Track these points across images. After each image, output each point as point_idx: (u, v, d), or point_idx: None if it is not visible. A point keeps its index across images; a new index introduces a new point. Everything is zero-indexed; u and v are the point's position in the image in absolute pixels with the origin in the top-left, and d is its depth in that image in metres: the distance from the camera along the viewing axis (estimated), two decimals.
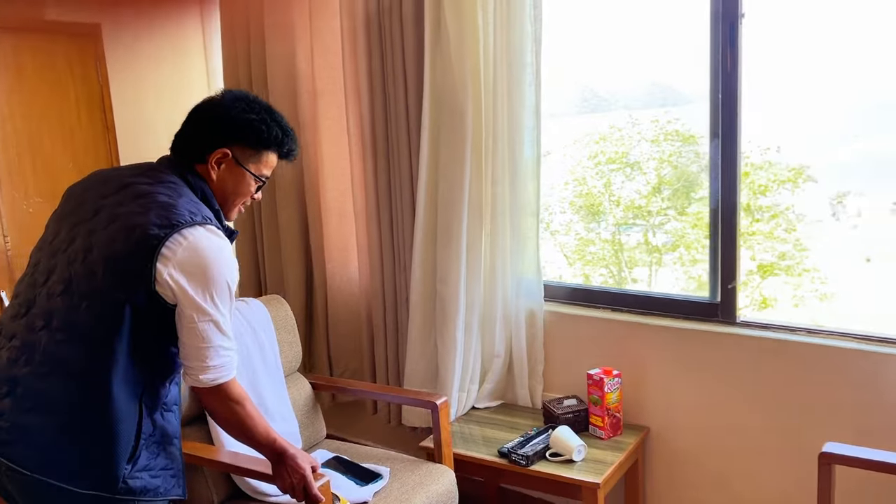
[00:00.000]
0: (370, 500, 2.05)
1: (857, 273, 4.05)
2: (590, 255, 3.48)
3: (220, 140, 1.56)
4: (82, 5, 2.88)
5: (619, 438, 2.42)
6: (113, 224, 1.46)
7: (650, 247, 3.75)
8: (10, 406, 1.44)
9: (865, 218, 4.09)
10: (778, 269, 4.29)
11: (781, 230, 4.31)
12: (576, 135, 3.89)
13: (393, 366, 2.89)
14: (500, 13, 2.46)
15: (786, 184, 4.24)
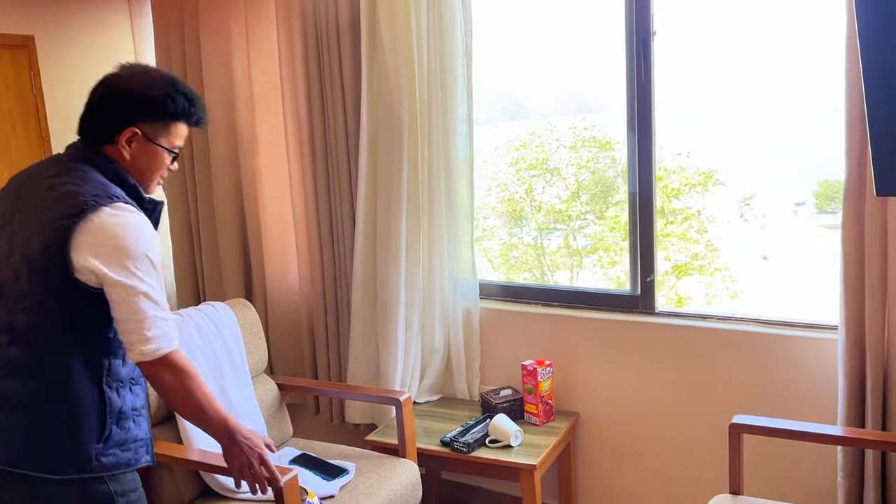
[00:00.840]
0: (337, 494, 2.14)
1: (757, 270, 4.35)
2: (513, 259, 3.64)
3: (127, 119, 1.56)
4: (15, 18, 2.88)
5: (552, 424, 2.60)
6: (28, 224, 1.49)
7: (571, 250, 3.90)
8: None
9: (770, 219, 4.39)
10: (692, 269, 4.55)
11: (694, 232, 4.58)
12: (496, 142, 4.06)
13: (335, 367, 2.98)
14: (432, 25, 2.61)
15: (696, 187, 4.51)
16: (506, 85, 3.21)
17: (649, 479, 2.59)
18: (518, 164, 3.81)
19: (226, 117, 3.03)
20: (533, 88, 3.39)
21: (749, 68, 3.26)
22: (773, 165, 3.97)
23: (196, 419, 1.61)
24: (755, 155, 3.93)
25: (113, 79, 1.61)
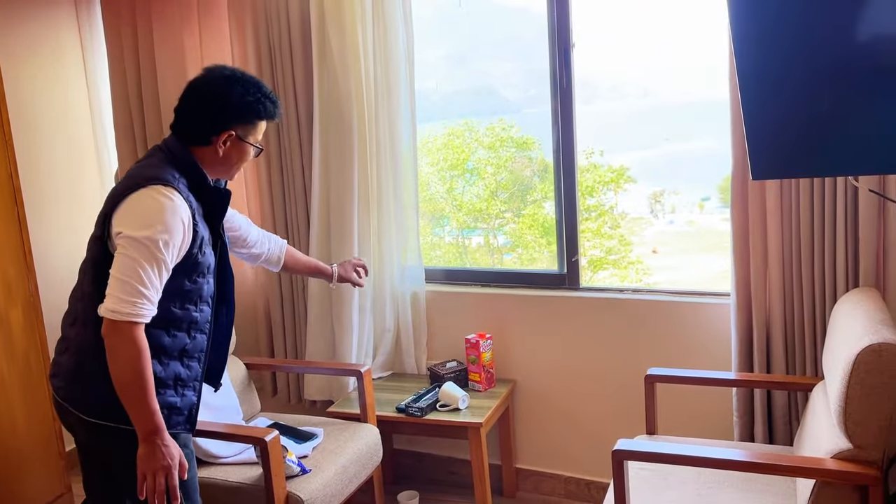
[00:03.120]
0: (310, 454, 2.42)
1: (650, 262, 4.62)
2: (436, 257, 3.68)
3: (224, 124, 1.80)
4: None
5: (493, 390, 2.94)
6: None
7: (491, 248, 4.09)
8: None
9: (679, 214, 4.72)
10: (606, 264, 4.88)
11: (608, 227, 4.90)
12: (417, 142, 4.29)
13: (291, 350, 3.24)
14: (377, 36, 2.90)
15: (609, 184, 4.84)
16: (425, 86, 3.37)
17: (578, 433, 2.97)
18: (438, 163, 3.94)
19: None
20: (452, 90, 3.58)
21: (657, 73, 3.61)
22: (681, 164, 4.26)
23: (132, 403, 1.66)
24: (665, 154, 4.21)
25: (210, 86, 1.85)
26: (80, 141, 3.55)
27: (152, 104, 3.23)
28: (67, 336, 1.85)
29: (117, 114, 3.30)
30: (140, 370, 1.65)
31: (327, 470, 2.36)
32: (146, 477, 1.68)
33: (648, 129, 3.89)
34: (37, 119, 3.31)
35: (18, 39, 3.24)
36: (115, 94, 3.30)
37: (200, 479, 2.33)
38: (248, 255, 2.39)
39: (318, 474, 2.32)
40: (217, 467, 2.40)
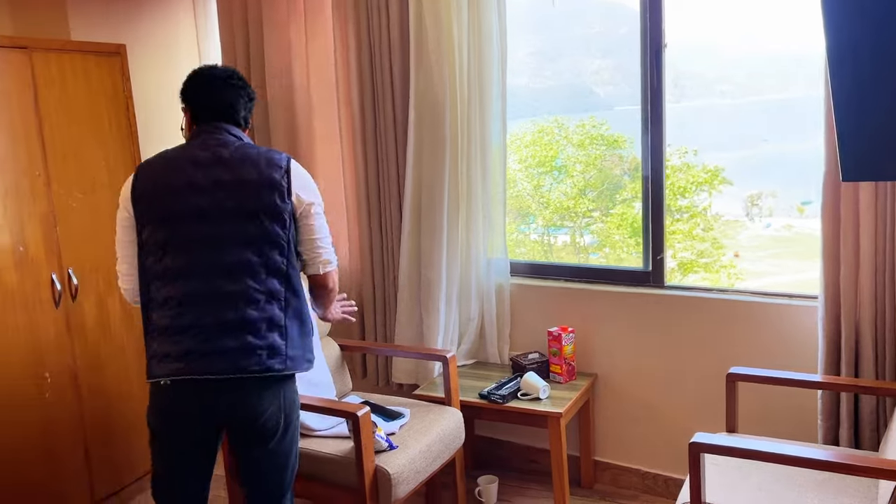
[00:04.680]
0: (397, 431, 2.58)
1: (742, 266, 4.46)
2: (520, 255, 3.68)
3: (251, 111, 2.20)
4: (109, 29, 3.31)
5: (574, 382, 3.01)
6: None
7: (577, 247, 4.08)
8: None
9: (777, 218, 4.57)
10: (697, 267, 4.78)
11: (700, 229, 4.80)
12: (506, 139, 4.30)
13: (381, 334, 3.40)
14: (472, 36, 3.02)
15: (703, 185, 4.74)
16: (514, 83, 3.35)
17: (657, 428, 3.00)
18: (526, 160, 3.95)
19: (286, 117, 3.44)
20: (541, 87, 3.60)
21: (757, 70, 3.53)
22: (781, 165, 4.12)
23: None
24: (764, 155, 4.08)
25: (241, 81, 2.16)
26: None
27: (260, 99, 3.45)
28: (270, 317, 1.95)
29: None
30: None
31: (413, 447, 2.50)
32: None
33: (747, 129, 3.82)
34: (155, 112, 3.59)
35: (142, 35, 3.53)
36: None
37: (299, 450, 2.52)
38: None
39: (404, 451, 2.46)
40: (312, 439, 2.58)
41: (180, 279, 1.93)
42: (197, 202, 1.94)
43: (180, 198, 1.94)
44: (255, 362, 1.92)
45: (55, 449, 2.81)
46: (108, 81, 3.05)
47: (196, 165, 1.98)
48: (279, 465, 2.07)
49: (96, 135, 2.98)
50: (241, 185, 1.96)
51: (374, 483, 2.36)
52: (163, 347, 1.93)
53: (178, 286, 1.93)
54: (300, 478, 2.52)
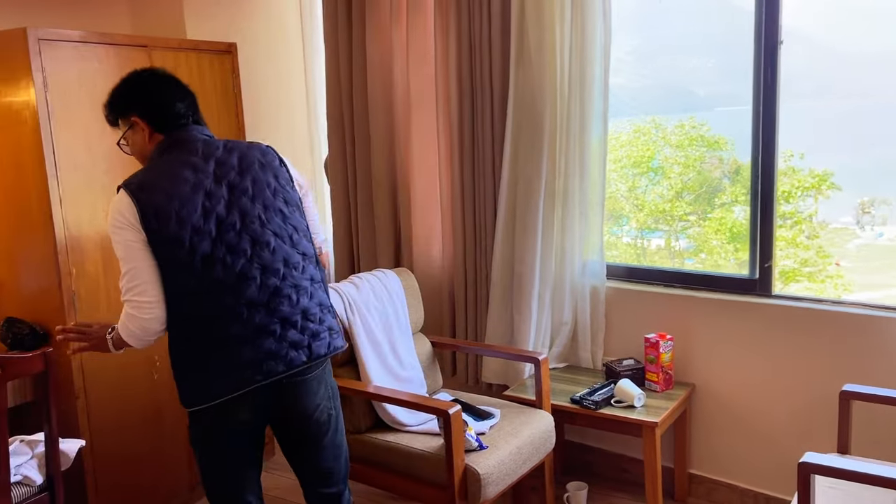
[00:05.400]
0: (487, 432, 2.56)
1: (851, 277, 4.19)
2: (612, 258, 3.61)
3: None
4: (221, 28, 3.45)
5: (670, 391, 2.91)
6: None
7: (672, 251, 3.95)
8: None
9: (891, 227, 4.29)
10: (800, 276, 4.54)
11: (804, 237, 4.55)
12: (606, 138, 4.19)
13: (472, 332, 3.39)
14: (575, 35, 2.96)
15: (809, 190, 4.50)
16: (612, 81, 3.29)
17: (759, 444, 2.86)
18: (621, 161, 3.86)
19: (384, 112, 3.49)
20: (639, 86, 3.49)
21: (872, 71, 3.32)
22: (890, 169, 3.90)
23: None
24: (878, 160, 3.85)
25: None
26: (296, 128, 3.94)
27: (361, 96, 3.51)
28: (320, 301, 2.01)
29: (330, 104, 3.62)
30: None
31: (503, 448, 2.47)
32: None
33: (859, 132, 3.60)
34: (262, 109, 3.72)
35: (250, 34, 3.65)
36: (329, 85, 3.61)
37: (388, 444, 2.55)
38: None
39: (494, 451, 2.44)
40: (402, 434, 2.60)
41: (230, 287, 1.85)
42: (221, 209, 1.87)
43: (201, 207, 1.84)
44: (324, 345, 1.99)
45: (161, 426, 2.95)
46: (220, 79, 3.17)
47: (198, 172, 1.88)
48: (336, 456, 2.10)
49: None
50: (255, 182, 1.93)
51: (463, 482, 2.35)
52: (222, 363, 1.86)
53: (229, 295, 1.85)
54: (388, 472, 2.54)
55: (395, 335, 2.80)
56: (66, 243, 2.59)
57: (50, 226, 2.55)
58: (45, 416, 2.28)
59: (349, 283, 2.79)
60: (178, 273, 1.82)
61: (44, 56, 2.49)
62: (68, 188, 2.58)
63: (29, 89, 2.48)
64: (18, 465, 2.26)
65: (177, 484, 3.05)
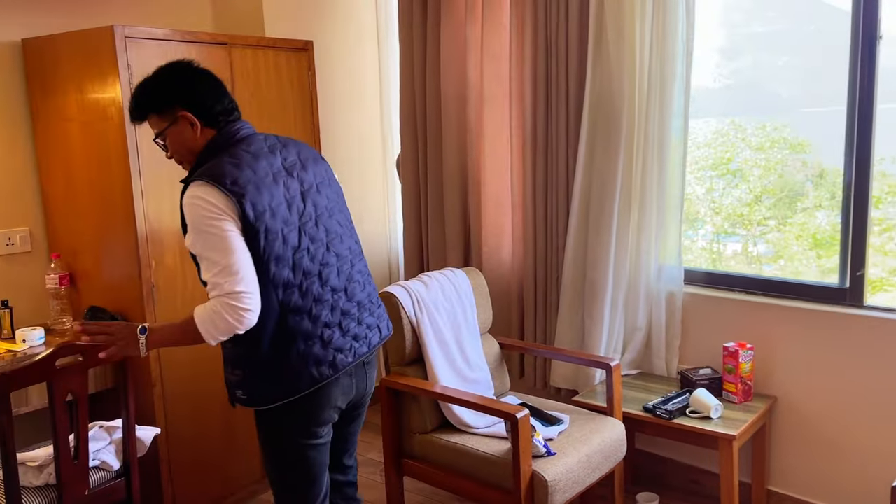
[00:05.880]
0: (555, 437, 2.50)
1: None
2: (685, 262, 3.59)
3: None
4: (299, 26, 3.49)
5: (749, 404, 2.78)
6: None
7: (749, 257, 3.82)
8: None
9: None
10: (888, 286, 4.33)
11: (894, 244, 4.32)
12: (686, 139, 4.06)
13: (540, 335, 3.33)
14: (656, 31, 2.86)
15: None
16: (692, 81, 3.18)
17: (846, 463, 2.70)
18: (698, 162, 3.77)
19: (457, 112, 3.46)
20: (718, 85, 3.35)
21: None
22: None
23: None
24: None
25: None
26: (369, 126, 3.96)
27: (433, 93, 3.49)
28: (374, 289, 2.14)
29: (403, 102, 3.61)
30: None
31: (571, 456, 2.41)
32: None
33: None
34: (336, 106, 3.75)
35: (327, 31, 3.68)
36: (403, 81, 3.61)
37: (454, 445, 2.52)
38: None
39: (562, 458, 2.38)
40: (469, 436, 2.56)
41: (316, 275, 1.89)
42: (299, 200, 1.89)
43: (284, 199, 1.85)
44: (385, 326, 2.14)
45: (233, 417, 3.01)
46: (296, 76, 3.20)
47: (272, 165, 1.88)
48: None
49: (283, 127, 3.14)
50: (316, 175, 1.99)
51: (529, 488, 2.30)
52: (317, 350, 1.89)
53: (317, 283, 1.89)
54: (453, 473, 2.52)
55: (463, 335, 2.77)
56: (147, 236, 2.66)
57: (132, 219, 2.63)
58: (122, 403, 2.34)
59: (418, 282, 2.78)
60: (274, 264, 1.81)
61: (129, 53, 2.57)
62: (150, 182, 2.65)
63: (115, 85, 2.56)
64: (97, 451, 2.33)
65: (248, 473, 3.10)
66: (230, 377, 1.94)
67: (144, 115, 1.90)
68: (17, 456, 2.13)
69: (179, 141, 1.89)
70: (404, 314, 2.64)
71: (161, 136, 1.90)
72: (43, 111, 2.81)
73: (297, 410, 1.91)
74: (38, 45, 2.77)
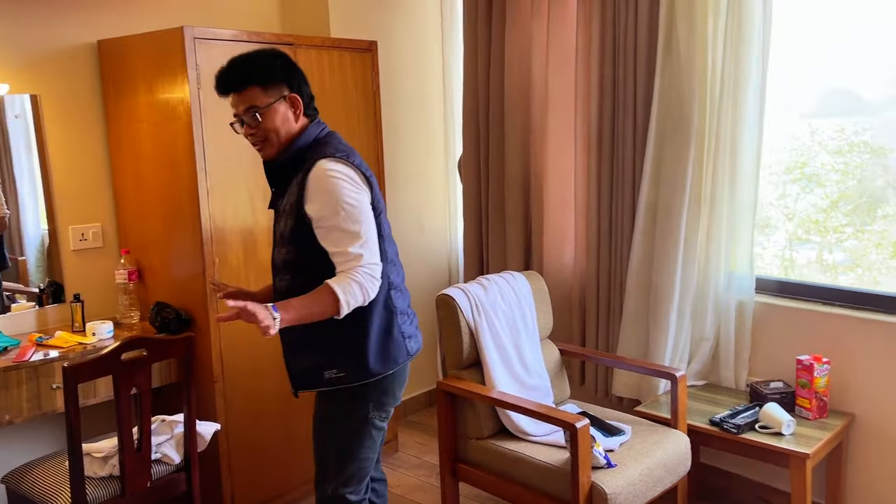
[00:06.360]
0: (616, 449, 2.42)
1: None
2: (756, 270, 3.48)
3: None
4: (364, 26, 3.51)
5: (825, 420, 2.63)
6: None
7: (824, 265, 3.69)
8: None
9: None
10: None
11: None
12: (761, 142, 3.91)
13: (602, 342, 3.24)
14: (730, 29, 2.75)
15: None
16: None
17: None
18: (771, 166, 3.65)
19: (521, 111, 3.41)
20: (794, 85, 3.20)
21: None
22: None
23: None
24: None
25: None
26: (432, 127, 3.94)
27: (497, 94, 3.45)
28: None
29: (466, 102, 3.58)
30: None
31: (633, 468, 2.33)
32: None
33: None
34: (400, 106, 3.74)
35: (391, 31, 3.68)
36: (466, 81, 3.58)
37: (511, 452, 2.47)
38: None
39: (623, 471, 2.31)
40: (526, 444, 2.51)
41: (394, 264, 2.04)
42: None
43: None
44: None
45: (291, 414, 3.03)
46: (360, 76, 3.21)
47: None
48: None
49: (347, 127, 3.15)
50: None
51: (588, 500, 2.23)
52: (406, 327, 2.04)
53: (395, 271, 2.04)
54: (509, 481, 2.47)
55: (522, 340, 2.72)
56: (211, 235, 2.70)
57: (197, 217, 2.67)
58: (185, 398, 2.38)
59: (476, 284, 2.74)
60: (385, 242, 1.96)
61: (198, 54, 2.61)
62: (215, 182, 2.69)
63: (184, 85, 2.61)
64: (159, 444, 2.38)
65: (305, 471, 3.12)
66: (314, 360, 1.95)
67: (246, 84, 1.88)
68: (83, 447, 2.19)
69: (278, 121, 1.89)
70: (462, 316, 2.60)
71: (255, 110, 1.88)
72: (115, 111, 2.89)
73: (380, 387, 1.97)
74: (112, 46, 2.85)
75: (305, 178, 1.85)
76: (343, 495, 2.02)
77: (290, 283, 1.93)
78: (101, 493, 2.23)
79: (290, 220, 1.90)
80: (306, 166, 1.88)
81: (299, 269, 1.91)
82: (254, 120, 1.89)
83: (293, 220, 1.88)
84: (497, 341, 2.65)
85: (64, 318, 2.84)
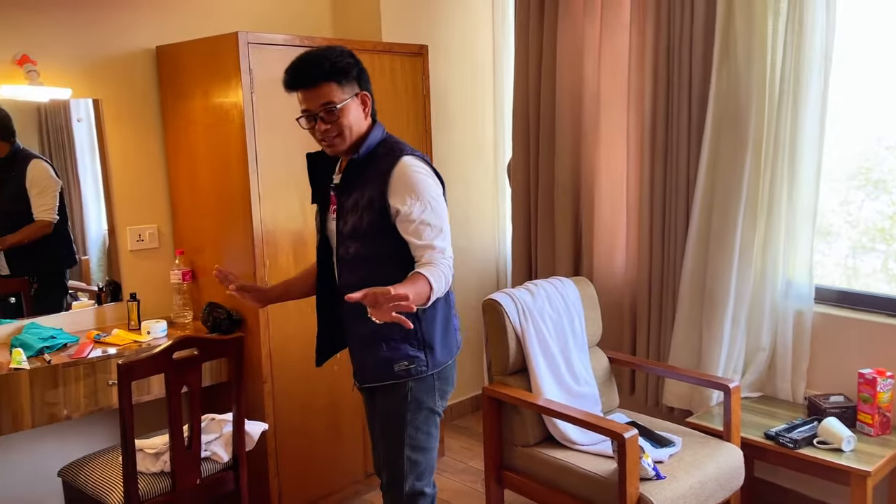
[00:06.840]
0: (666, 461, 2.36)
1: None
2: (817, 279, 3.37)
3: None
4: (415, 30, 3.52)
5: (888, 437, 2.52)
6: None
7: (890, 275, 3.58)
8: None
9: None
10: None
11: None
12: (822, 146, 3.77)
13: (654, 350, 3.17)
14: (791, 29, 2.66)
15: None
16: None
17: None
18: (833, 172, 3.54)
19: (571, 113, 3.36)
20: (857, 88, 3.08)
21: None
22: None
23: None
24: None
25: None
26: (482, 131, 3.92)
27: (548, 97, 3.41)
28: None
29: (516, 105, 3.55)
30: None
31: (683, 481, 2.27)
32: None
33: None
34: (450, 110, 3.74)
35: (442, 35, 3.68)
36: (517, 84, 3.55)
37: (557, 461, 2.44)
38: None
39: (672, 483, 2.25)
40: (573, 452, 2.47)
41: None
42: None
43: None
44: None
45: (339, 416, 3.05)
46: (410, 80, 3.21)
47: None
48: None
49: (397, 131, 3.09)
50: None
51: None
52: (456, 321, 2.13)
53: None
54: (555, 489, 2.43)
55: (570, 347, 2.68)
56: (263, 236, 2.74)
57: (249, 219, 2.71)
58: (234, 397, 2.42)
59: (524, 290, 2.71)
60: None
61: (252, 59, 2.65)
62: (266, 184, 2.73)
63: (237, 90, 2.65)
64: (208, 442, 2.42)
65: (352, 472, 3.14)
66: (385, 353, 1.96)
67: (323, 80, 1.88)
68: (136, 442, 2.24)
69: (353, 118, 1.93)
70: (508, 322, 2.58)
71: (332, 107, 1.88)
72: (172, 115, 2.96)
73: (442, 376, 2.04)
74: (170, 51, 2.92)
75: (388, 174, 1.89)
76: (421, 489, 2.04)
77: (364, 276, 1.91)
78: (152, 489, 2.29)
79: (369, 214, 1.91)
80: (383, 163, 1.92)
81: (375, 262, 1.93)
82: (331, 115, 1.90)
83: (373, 215, 1.90)
84: (544, 348, 2.62)
85: (121, 317, 2.92)
